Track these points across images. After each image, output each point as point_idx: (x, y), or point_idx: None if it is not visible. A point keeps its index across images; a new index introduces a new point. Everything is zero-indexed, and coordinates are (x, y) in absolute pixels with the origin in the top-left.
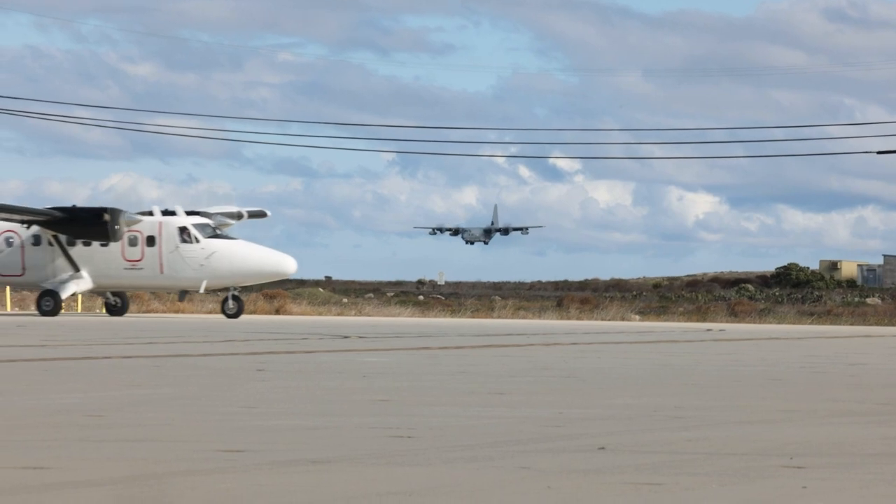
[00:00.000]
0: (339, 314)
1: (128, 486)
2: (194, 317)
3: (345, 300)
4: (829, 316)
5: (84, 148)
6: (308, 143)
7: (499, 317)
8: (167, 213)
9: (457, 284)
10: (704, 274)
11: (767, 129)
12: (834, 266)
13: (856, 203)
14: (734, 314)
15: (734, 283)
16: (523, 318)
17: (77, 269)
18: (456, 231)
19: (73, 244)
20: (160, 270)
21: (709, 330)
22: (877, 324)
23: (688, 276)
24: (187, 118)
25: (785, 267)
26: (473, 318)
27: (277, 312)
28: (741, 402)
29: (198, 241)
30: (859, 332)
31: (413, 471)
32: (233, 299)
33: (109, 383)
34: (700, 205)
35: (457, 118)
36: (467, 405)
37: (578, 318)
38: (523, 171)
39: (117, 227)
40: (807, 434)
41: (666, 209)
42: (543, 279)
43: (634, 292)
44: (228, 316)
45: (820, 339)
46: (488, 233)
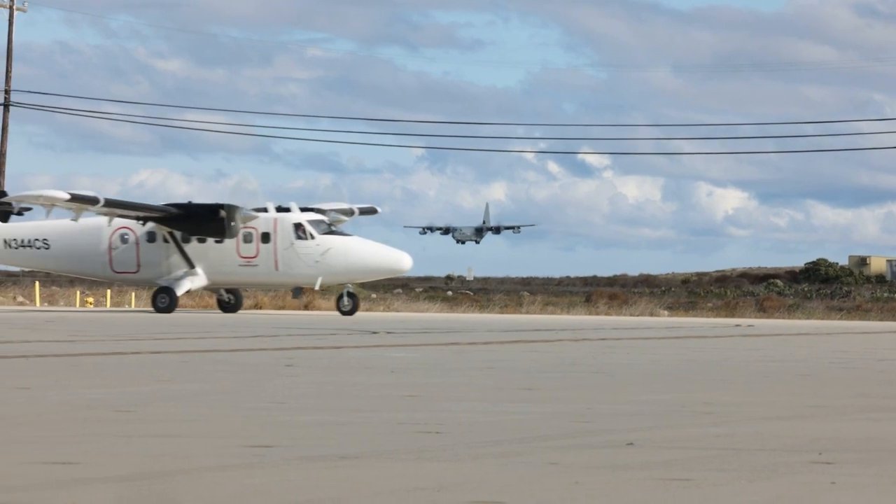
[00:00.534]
0: (367, 310)
1: (156, 482)
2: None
3: (373, 295)
4: (858, 311)
5: (113, 143)
6: (337, 138)
7: (527, 312)
8: (281, 209)
9: (485, 280)
10: (733, 269)
11: (797, 124)
12: (863, 261)
13: (885, 198)
14: (763, 310)
15: (763, 278)
16: (552, 313)
17: (192, 266)
18: (447, 230)
19: (188, 241)
20: (275, 267)
21: (737, 325)
22: None
23: (717, 271)
24: (216, 113)
25: (814, 262)
26: (502, 313)
27: (306, 308)
28: (770, 398)
29: (313, 237)
30: (888, 327)
31: (441, 466)
32: (347, 296)
33: (138, 378)
34: (729, 200)
35: (486, 114)
36: (495, 401)
37: (607, 314)
38: (552, 166)
39: (233, 224)
40: (836, 430)
41: (695, 205)
42: (572, 275)
43: (663, 288)
44: (343, 313)
45: (849, 334)
46: (479, 232)
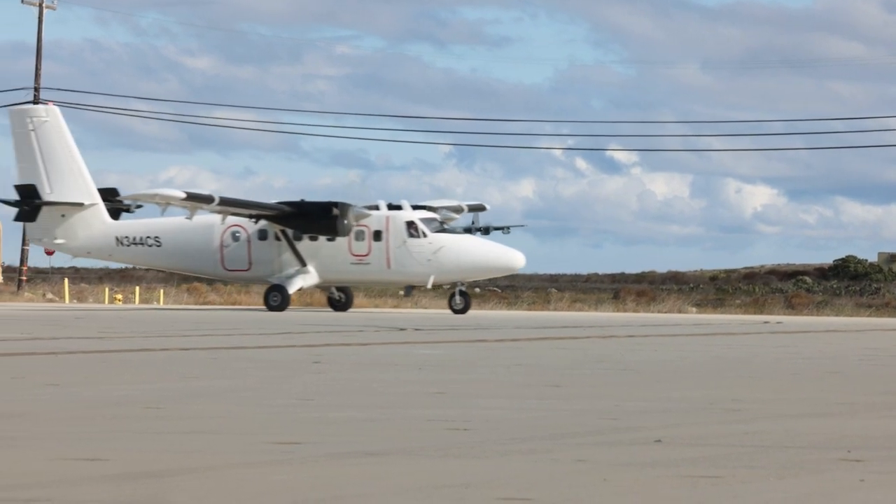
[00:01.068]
0: (395, 306)
1: (184, 478)
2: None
3: (401, 292)
4: (887, 308)
5: (142, 140)
6: (365, 135)
7: (555, 309)
8: (393, 207)
9: (513, 277)
10: (762, 266)
11: (826, 120)
12: (893, 258)
13: None
14: (791, 307)
15: (791, 275)
16: (580, 310)
17: (304, 264)
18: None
19: (299, 239)
20: (387, 265)
21: (766, 322)
22: None
23: (745, 268)
24: (245, 111)
25: (843, 259)
26: (530, 310)
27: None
28: (798, 395)
29: (425, 235)
30: None
31: (469, 463)
32: (460, 295)
33: (167, 375)
34: (758, 197)
35: (513, 111)
36: (523, 398)
37: (635, 311)
38: (580, 163)
39: (346, 222)
40: (865, 427)
41: (723, 201)
42: (600, 272)
43: (691, 285)
44: (455, 311)
45: (878, 331)
46: (469, 232)
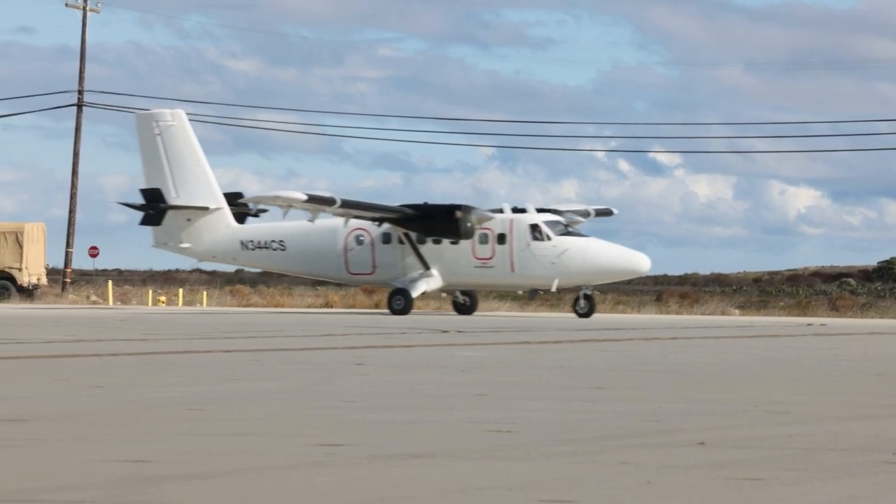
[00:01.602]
0: (437, 308)
1: (228, 480)
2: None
3: (443, 294)
4: None
5: None
6: (407, 137)
7: (598, 311)
8: (517, 210)
9: None
10: (805, 268)
11: (871, 122)
12: None
13: None
14: (835, 309)
15: (835, 277)
16: (622, 312)
17: (427, 268)
18: None
19: (423, 242)
20: (511, 269)
21: (809, 324)
22: None
23: (789, 270)
24: (287, 113)
25: (887, 261)
26: (572, 312)
27: (376, 307)
28: (842, 398)
29: (549, 238)
30: None
31: (512, 465)
32: (584, 298)
33: (210, 377)
34: (802, 199)
35: (556, 112)
36: (566, 400)
37: (678, 313)
38: (623, 165)
39: (469, 225)
40: None
41: (767, 203)
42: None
43: (734, 287)
44: (580, 315)
45: None
46: None
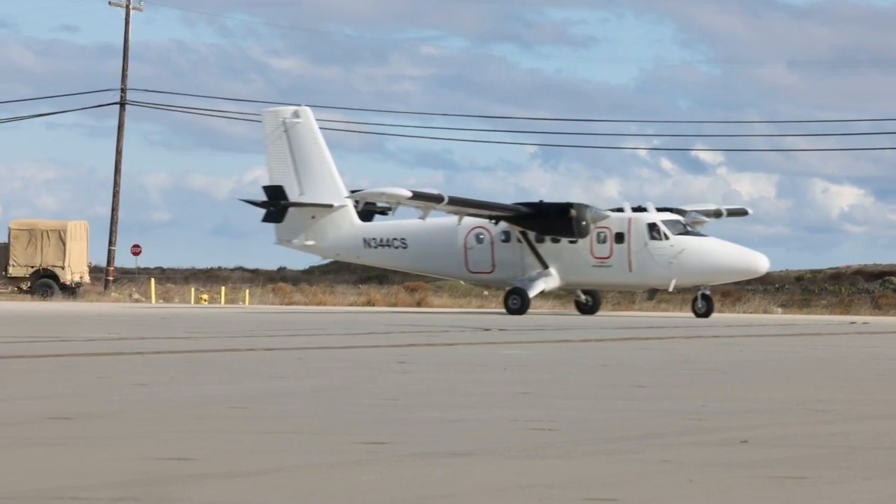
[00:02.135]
0: (479, 307)
1: (271, 478)
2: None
3: (485, 292)
4: None
5: (228, 141)
6: (450, 135)
7: (640, 310)
8: (637, 209)
9: None
10: (848, 266)
11: None
12: None
13: None
14: (878, 307)
15: (878, 275)
16: (665, 311)
17: (546, 267)
18: None
19: (541, 241)
20: (629, 268)
21: (852, 323)
22: None
23: (831, 268)
24: (330, 111)
25: None
26: (614, 311)
27: (419, 305)
28: (885, 396)
29: (667, 237)
30: None
31: (554, 463)
32: (702, 298)
33: (252, 375)
34: (844, 197)
35: (599, 111)
36: (608, 398)
37: (720, 311)
38: (665, 163)
39: (584, 224)
40: None
41: (810, 201)
42: None
43: (777, 285)
44: (698, 315)
45: None
46: None
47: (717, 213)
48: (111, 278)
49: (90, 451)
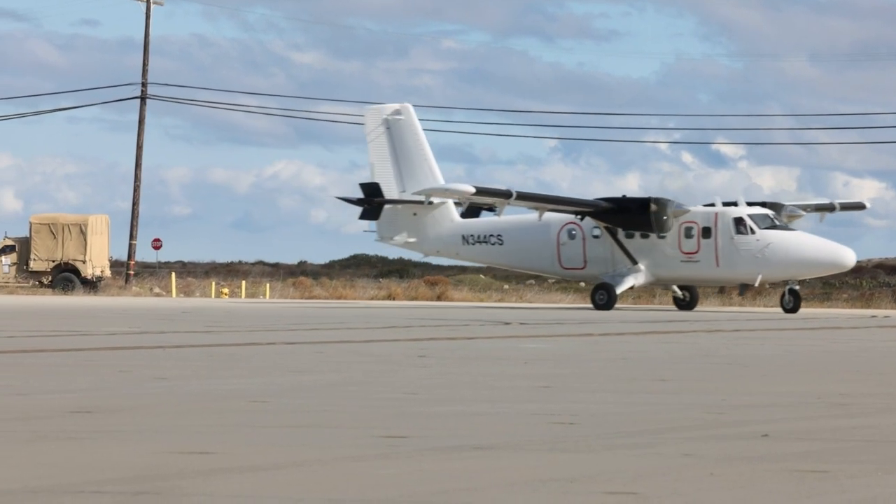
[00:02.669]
0: (499, 300)
1: (291, 472)
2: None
3: (506, 286)
4: None
5: (248, 135)
6: (471, 129)
7: (660, 303)
8: (728, 204)
9: None
10: (869, 260)
11: None
12: None
13: None
14: None
15: None
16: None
17: (634, 262)
18: None
19: (631, 236)
20: (716, 263)
21: (873, 317)
22: None
23: None
24: (351, 105)
25: None
26: (635, 304)
27: (439, 299)
28: None
29: (753, 232)
30: None
31: (575, 457)
32: (790, 293)
33: (273, 369)
34: (866, 190)
35: (620, 104)
36: (629, 392)
37: (741, 305)
38: (686, 157)
39: (665, 218)
40: None
41: (831, 195)
42: None
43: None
44: (786, 310)
45: None
46: None
47: (829, 208)
48: (132, 272)
49: (112, 445)
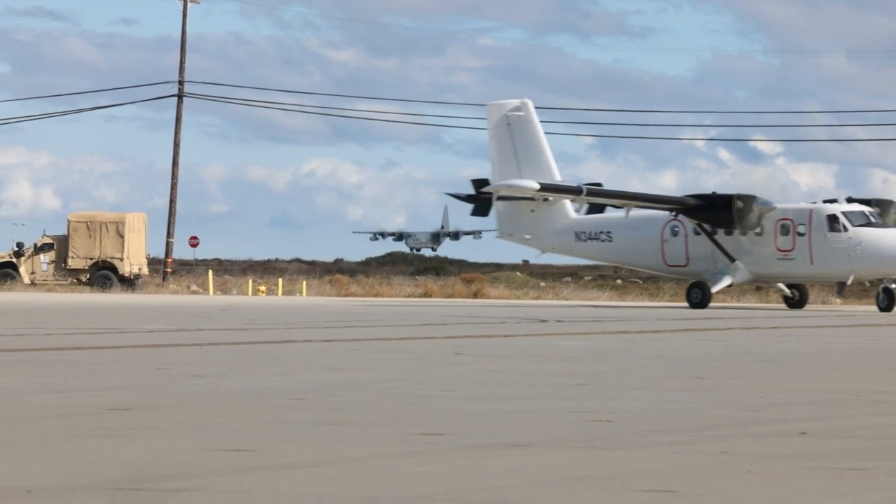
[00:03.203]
0: (536, 297)
1: (329, 469)
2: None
3: (542, 284)
4: None
5: (285, 133)
6: None
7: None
8: (827, 202)
9: None
10: None
11: None
12: None
13: None
14: None
15: None
16: (722, 301)
17: (732, 260)
18: (399, 236)
19: (730, 233)
20: (810, 261)
21: None
22: None
23: None
24: (387, 103)
25: None
26: (672, 301)
27: (475, 296)
28: None
29: (846, 229)
30: None
31: (612, 455)
32: (884, 292)
33: (310, 367)
34: None
35: (656, 101)
36: (666, 389)
37: (778, 302)
38: (723, 154)
39: (750, 215)
40: None
41: (869, 192)
42: None
43: None
44: (881, 309)
45: None
46: (437, 237)
47: None
48: (169, 270)
49: (150, 441)
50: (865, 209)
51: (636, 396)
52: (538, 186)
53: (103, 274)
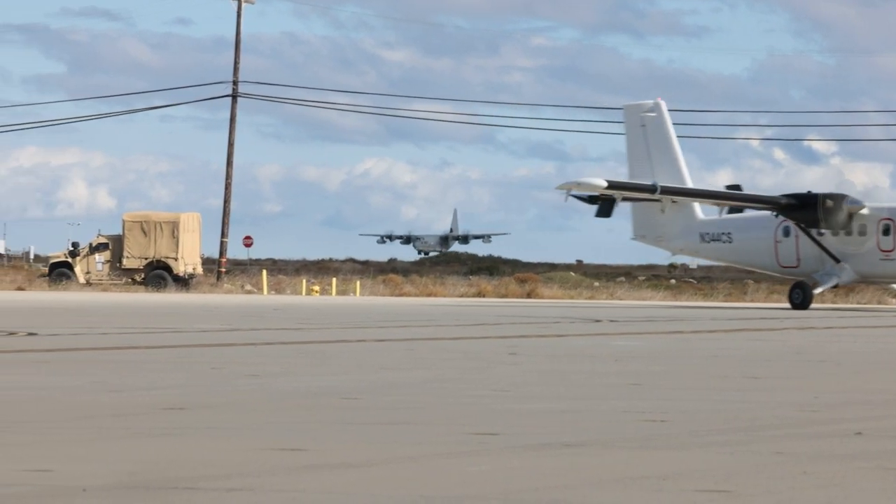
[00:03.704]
0: (589, 297)
1: (382, 469)
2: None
3: (596, 284)
4: None
5: (339, 133)
6: (561, 126)
7: (752, 300)
8: None
9: (709, 268)
10: None
11: None
12: None
13: None
14: None
15: None
16: (777, 301)
17: (837, 261)
18: (408, 239)
19: (836, 234)
20: None
21: None
22: None
23: None
24: (442, 103)
25: None
26: (726, 301)
27: (529, 296)
28: None
29: None
30: None
31: (666, 455)
32: None
33: (364, 366)
34: None
35: (711, 101)
36: (720, 389)
37: (832, 302)
38: (778, 153)
39: (839, 214)
40: None
41: None
42: None
43: None
44: None
45: None
46: (445, 241)
47: None
48: (223, 269)
49: (204, 441)
50: None
51: (690, 396)
52: (606, 184)
53: (158, 274)
